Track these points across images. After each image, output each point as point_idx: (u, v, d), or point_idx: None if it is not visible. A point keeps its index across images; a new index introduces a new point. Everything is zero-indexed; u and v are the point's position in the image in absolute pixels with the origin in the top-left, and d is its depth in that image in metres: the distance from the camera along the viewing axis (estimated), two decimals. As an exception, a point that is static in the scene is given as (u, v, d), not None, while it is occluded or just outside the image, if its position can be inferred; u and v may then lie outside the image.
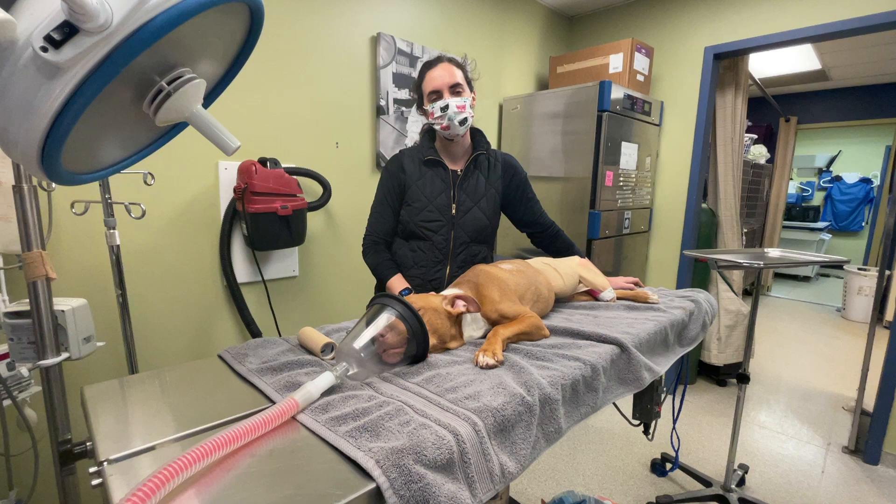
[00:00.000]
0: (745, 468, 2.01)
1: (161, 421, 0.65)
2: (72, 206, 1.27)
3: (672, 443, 1.55)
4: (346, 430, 0.58)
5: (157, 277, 1.56)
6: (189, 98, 0.69)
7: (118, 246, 1.25)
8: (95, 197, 1.25)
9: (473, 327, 0.95)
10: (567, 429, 0.74)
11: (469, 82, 1.30)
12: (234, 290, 1.74)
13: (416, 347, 0.78)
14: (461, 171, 1.34)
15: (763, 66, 4.17)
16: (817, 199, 7.03)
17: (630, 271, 2.77)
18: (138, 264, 1.50)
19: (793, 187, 6.97)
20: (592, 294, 1.30)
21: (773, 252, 1.82)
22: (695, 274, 2.86)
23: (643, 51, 2.55)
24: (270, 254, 1.85)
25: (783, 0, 2.32)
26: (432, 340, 0.84)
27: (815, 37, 2.27)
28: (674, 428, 1.39)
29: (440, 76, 1.25)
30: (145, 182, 1.30)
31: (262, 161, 1.68)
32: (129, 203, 1.19)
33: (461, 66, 1.29)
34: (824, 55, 3.96)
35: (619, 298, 1.31)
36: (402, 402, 0.65)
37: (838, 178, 6.81)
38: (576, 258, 1.35)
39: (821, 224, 6.59)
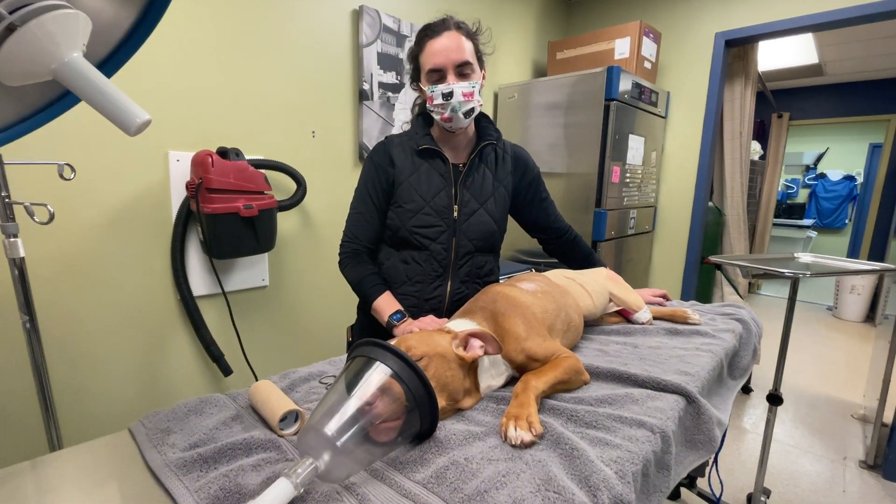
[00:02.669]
0: (767, 492, 1.83)
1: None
2: (-40, 206, 0.97)
3: (710, 485, 1.30)
4: None
5: (85, 297, 1.27)
6: (53, 37, 0.42)
7: (22, 258, 0.96)
8: (-9, 195, 0.95)
9: (492, 374, 0.71)
10: (640, 538, 0.51)
11: (480, 58, 1.04)
12: (188, 306, 1.46)
13: (419, 422, 0.53)
14: (464, 164, 1.08)
15: (760, 59, 4.02)
16: (802, 196, 7.03)
17: (633, 275, 2.57)
18: (59, 282, 1.21)
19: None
20: (624, 314, 1.08)
21: (805, 257, 1.63)
22: (700, 276, 2.69)
23: (651, 35, 2.33)
24: (235, 261, 1.57)
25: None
26: (441, 402, 0.60)
27: (825, 24, 2.15)
28: (715, 462, 1.12)
29: (444, 49, 0.97)
30: (61, 175, 1.01)
31: (222, 152, 1.39)
32: (31, 203, 0.91)
33: (472, 37, 1.02)
34: (824, 48, 3.84)
35: (654, 318, 1.09)
36: (403, 530, 0.41)
37: (823, 176, 6.81)
38: (602, 271, 1.12)
39: (807, 221, 6.57)
